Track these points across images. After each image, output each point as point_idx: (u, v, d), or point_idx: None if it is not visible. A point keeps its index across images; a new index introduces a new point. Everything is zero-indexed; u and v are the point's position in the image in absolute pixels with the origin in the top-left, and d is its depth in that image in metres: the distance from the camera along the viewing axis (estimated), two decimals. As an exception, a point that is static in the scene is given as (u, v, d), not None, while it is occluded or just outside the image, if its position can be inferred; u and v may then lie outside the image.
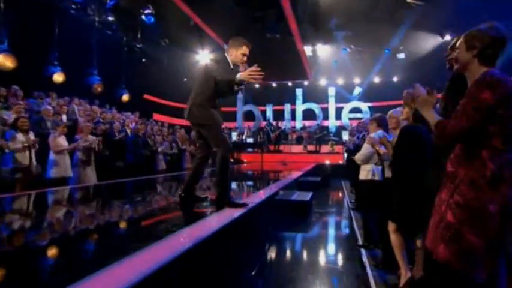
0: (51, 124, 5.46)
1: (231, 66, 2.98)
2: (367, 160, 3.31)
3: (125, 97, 12.98)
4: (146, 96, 15.22)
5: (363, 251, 3.28)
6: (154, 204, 3.84)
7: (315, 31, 11.94)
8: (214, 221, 2.63)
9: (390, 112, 2.97)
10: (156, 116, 15.31)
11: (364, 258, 3.06)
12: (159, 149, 7.49)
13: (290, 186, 5.89)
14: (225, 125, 18.24)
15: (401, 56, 15.29)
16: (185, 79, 17.69)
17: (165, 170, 7.70)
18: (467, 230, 1.37)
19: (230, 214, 2.74)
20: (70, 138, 5.56)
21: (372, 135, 3.32)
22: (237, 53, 3.00)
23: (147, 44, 13.97)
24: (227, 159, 3.03)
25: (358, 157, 3.39)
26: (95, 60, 11.65)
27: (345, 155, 11.15)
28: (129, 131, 7.41)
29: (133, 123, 8.18)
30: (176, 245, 1.96)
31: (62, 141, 4.96)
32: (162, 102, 16.31)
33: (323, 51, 13.85)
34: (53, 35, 10.03)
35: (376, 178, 3.22)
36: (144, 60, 14.28)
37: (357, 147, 5.44)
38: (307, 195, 5.10)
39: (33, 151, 4.73)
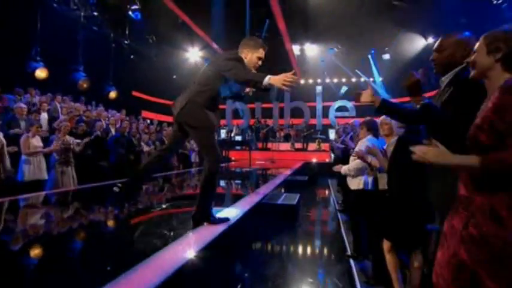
0: (26, 123, 4.99)
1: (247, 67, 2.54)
2: (357, 174, 3.03)
3: (113, 94, 12.42)
4: (135, 93, 14.66)
5: (352, 262, 3.01)
6: (127, 217, 3.47)
7: (303, 31, 11.64)
8: (191, 243, 2.29)
9: (382, 117, 2.68)
10: (145, 114, 14.77)
11: (354, 272, 2.79)
12: (145, 149, 7.07)
13: (277, 187, 5.60)
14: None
15: (386, 57, 15.21)
16: (174, 76, 17.18)
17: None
18: (486, 275, 1.08)
19: (209, 232, 2.42)
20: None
21: (360, 146, 3.04)
22: (252, 56, 2.56)
23: (136, 41, 13.41)
24: (214, 173, 2.57)
25: (348, 171, 3.10)
26: (80, 56, 11.06)
27: (332, 155, 10.98)
28: (113, 130, 6.95)
29: (119, 122, 7.70)
30: (147, 274, 1.64)
31: (36, 142, 4.50)
32: (151, 100, 15.76)
33: (311, 50, 13.57)
34: (36, 30, 9.41)
35: (369, 187, 2.95)
36: (132, 56, 13.71)
37: (345, 150, 5.19)
38: (294, 198, 4.81)
39: (5, 153, 4.29)
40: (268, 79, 2.24)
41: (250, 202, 3.73)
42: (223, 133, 15.49)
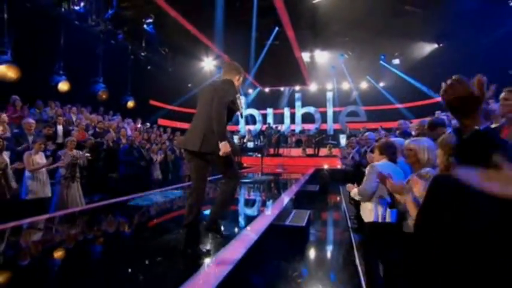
0: (34, 138, 4.70)
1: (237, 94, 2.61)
2: (369, 198, 2.46)
3: (130, 103, 12.23)
4: (152, 101, 14.47)
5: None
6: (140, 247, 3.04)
7: (313, 38, 11.02)
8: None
9: (407, 142, 2.12)
10: (162, 121, 14.58)
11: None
12: (154, 159, 6.70)
13: (287, 203, 5.05)
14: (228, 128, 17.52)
15: (396, 61, 14.35)
16: (190, 85, 16.94)
17: (160, 180, 6.91)
18: None
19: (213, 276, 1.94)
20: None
21: (376, 165, 2.47)
22: (239, 82, 2.73)
23: (152, 52, 13.21)
24: (236, 191, 2.66)
25: (360, 193, 2.52)
26: (100, 68, 10.93)
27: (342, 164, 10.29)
28: (124, 140, 6.63)
29: (130, 131, 7.36)
30: None
31: (39, 159, 4.18)
32: (168, 107, 15.56)
33: (321, 57, 12.93)
34: (59, 45, 9.32)
35: (385, 220, 2.38)
36: (149, 67, 13.52)
37: (357, 166, 4.60)
38: (303, 217, 4.26)
39: (10, 172, 3.98)
40: (224, 142, 2.37)
41: (257, 231, 3.23)
42: (235, 139, 15.06)
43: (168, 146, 8.02)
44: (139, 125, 10.49)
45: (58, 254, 2.81)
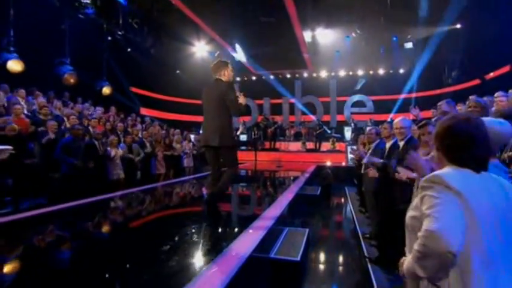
0: None
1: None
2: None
3: (106, 90, 10.74)
4: (133, 89, 13.00)
5: None
6: None
7: (314, 12, 9.50)
8: None
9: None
10: (144, 111, 13.14)
11: None
12: (112, 154, 5.29)
13: (279, 217, 3.66)
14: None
15: (409, 45, 12.81)
16: (178, 71, 15.45)
17: (123, 180, 5.51)
18: None
19: None
20: None
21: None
22: (229, 73, 3.13)
23: (134, 33, 11.70)
24: (235, 175, 3.22)
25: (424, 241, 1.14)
26: (67, 48, 9.45)
27: (349, 156, 8.87)
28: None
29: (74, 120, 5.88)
30: None
31: None
32: (152, 96, 14.09)
33: (324, 37, 11.40)
34: (7, 15, 7.82)
35: None
36: (129, 50, 12.03)
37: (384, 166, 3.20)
38: (299, 243, 2.88)
39: None
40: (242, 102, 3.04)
41: (228, 270, 1.83)
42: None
43: (139, 139, 6.60)
44: (112, 114, 9.05)
45: None
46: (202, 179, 6.89)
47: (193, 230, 2.87)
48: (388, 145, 3.50)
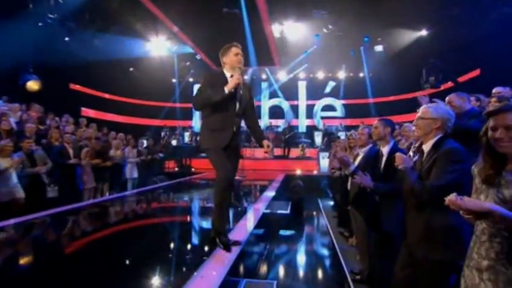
0: None
1: (227, 77, 2.57)
2: None
3: (33, 85, 8.90)
4: (73, 86, 11.15)
5: None
6: None
7: (283, 2, 8.62)
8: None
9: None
10: (87, 112, 11.34)
11: None
12: (1, 166, 3.75)
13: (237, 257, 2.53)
14: (179, 123, 14.64)
15: (379, 48, 12.51)
16: (131, 69, 13.77)
17: (20, 202, 3.98)
18: None
19: None
20: None
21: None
22: (230, 59, 2.62)
23: (73, 19, 9.95)
24: (221, 189, 2.54)
25: None
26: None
27: (325, 163, 7.99)
28: None
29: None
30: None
31: None
32: (97, 95, 12.29)
33: (293, 34, 10.60)
34: None
35: None
36: (67, 39, 10.24)
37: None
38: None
39: None
40: (226, 89, 2.43)
41: None
42: (186, 136, 12.26)
43: (59, 145, 5.06)
44: (33, 114, 7.30)
45: None
46: (143, 194, 5.54)
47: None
48: (385, 150, 2.52)
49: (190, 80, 15.18)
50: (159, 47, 13.35)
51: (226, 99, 2.47)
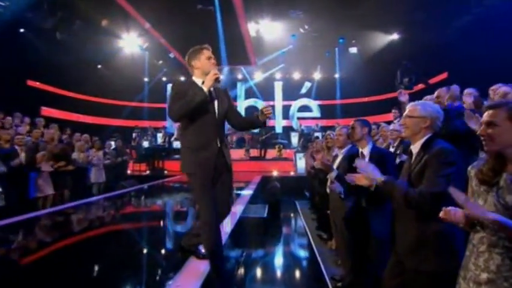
0: None
1: (198, 84, 2.14)
2: None
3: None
4: (32, 82, 10.28)
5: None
6: None
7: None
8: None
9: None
10: (49, 111, 10.51)
11: None
12: None
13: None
14: (149, 124, 14.01)
15: (354, 50, 12.77)
16: (99, 66, 13.00)
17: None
18: None
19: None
20: None
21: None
22: (202, 63, 2.22)
23: (32, 10, 9.15)
24: (208, 234, 2.14)
25: None
26: None
27: (302, 165, 7.92)
28: None
29: None
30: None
31: None
32: (60, 93, 11.44)
33: (270, 34, 10.51)
34: None
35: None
36: (22, 30, 9.41)
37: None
38: None
39: None
40: (205, 88, 2.09)
41: None
42: (159, 137, 11.76)
43: (7, 149, 4.52)
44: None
45: None
46: (110, 200, 5.15)
47: None
48: (366, 151, 2.43)
49: (164, 79, 14.64)
50: (130, 43, 12.74)
51: (207, 103, 2.13)
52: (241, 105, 14.15)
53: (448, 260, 1.39)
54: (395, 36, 11.47)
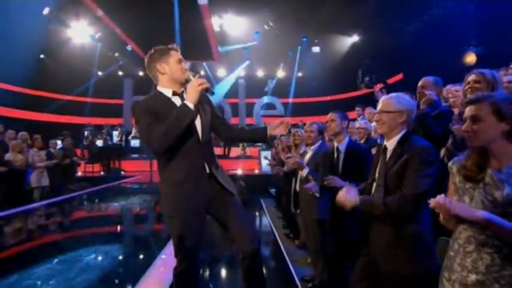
0: None
1: (169, 97, 1.70)
2: None
3: None
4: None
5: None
6: None
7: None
8: None
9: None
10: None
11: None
12: None
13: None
14: (106, 121, 13.02)
15: (316, 50, 13.06)
16: (42, 56, 11.74)
17: None
18: None
19: None
20: None
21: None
22: (171, 68, 1.70)
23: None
24: (182, 282, 1.69)
25: None
26: None
27: (266, 162, 7.85)
28: None
29: None
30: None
31: None
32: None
33: (233, 29, 10.29)
34: None
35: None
36: None
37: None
38: None
39: None
40: (190, 104, 1.59)
41: None
42: (115, 135, 10.95)
43: None
44: None
45: None
46: (53, 206, 4.60)
47: None
48: (341, 147, 2.30)
49: (120, 73, 13.68)
50: (80, 33, 11.66)
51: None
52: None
53: (425, 260, 1.35)
54: (355, 38, 11.92)
